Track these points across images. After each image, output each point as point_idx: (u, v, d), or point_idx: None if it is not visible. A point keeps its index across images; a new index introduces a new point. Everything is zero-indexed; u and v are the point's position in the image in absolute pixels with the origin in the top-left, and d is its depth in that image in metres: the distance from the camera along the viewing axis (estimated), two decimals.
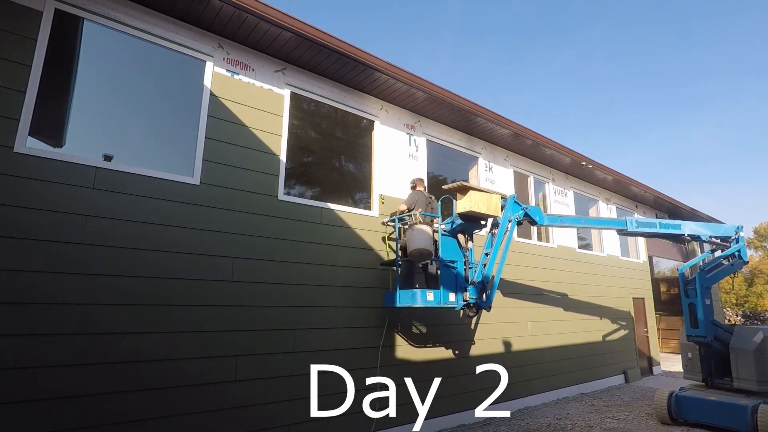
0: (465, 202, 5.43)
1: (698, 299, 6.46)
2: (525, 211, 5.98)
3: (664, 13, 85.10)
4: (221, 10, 4.52)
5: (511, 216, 5.86)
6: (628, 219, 6.65)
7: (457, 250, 5.75)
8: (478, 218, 5.73)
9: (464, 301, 5.49)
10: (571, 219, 6.78)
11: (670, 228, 6.82)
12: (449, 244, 5.66)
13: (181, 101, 4.76)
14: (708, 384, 6.61)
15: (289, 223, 5.08)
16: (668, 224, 6.85)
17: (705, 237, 6.91)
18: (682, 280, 6.73)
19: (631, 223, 6.59)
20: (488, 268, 5.59)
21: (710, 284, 6.63)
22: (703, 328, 6.32)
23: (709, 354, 6.60)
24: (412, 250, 5.18)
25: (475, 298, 5.44)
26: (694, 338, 6.47)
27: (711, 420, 6.04)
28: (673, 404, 6.38)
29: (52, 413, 3.44)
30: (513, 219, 5.89)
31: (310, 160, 5.94)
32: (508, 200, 5.90)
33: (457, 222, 5.70)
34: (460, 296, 5.49)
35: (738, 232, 7.02)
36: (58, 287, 3.61)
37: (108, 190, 3.97)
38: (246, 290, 4.62)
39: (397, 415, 5.54)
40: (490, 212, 5.57)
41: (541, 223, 6.18)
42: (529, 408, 7.38)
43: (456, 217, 5.71)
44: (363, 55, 5.42)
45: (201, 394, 4.16)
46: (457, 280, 5.53)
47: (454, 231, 5.77)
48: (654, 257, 14.52)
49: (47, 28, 3.90)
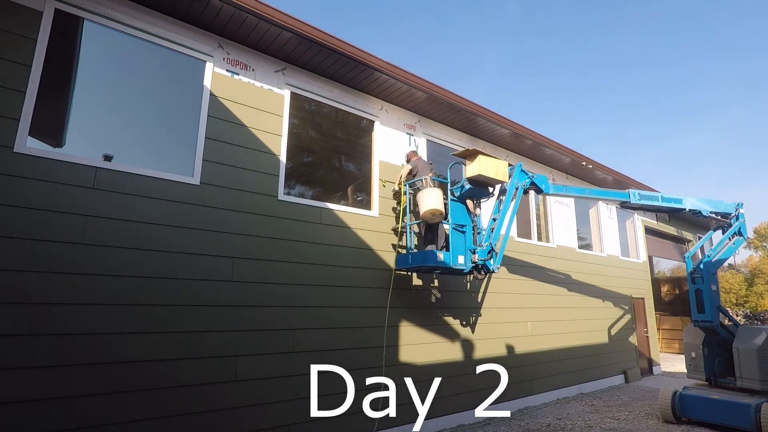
0: (474, 167, 5.56)
1: (705, 284, 6.58)
2: (531, 179, 6.12)
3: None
4: (221, 10, 4.52)
5: (518, 183, 5.99)
6: (631, 191, 6.72)
7: (466, 215, 5.88)
8: (486, 184, 5.85)
9: (473, 262, 5.60)
10: (576, 189, 6.85)
11: (672, 202, 6.89)
12: (458, 209, 5.81)
13: (181, 101, 4.76)
14: (711, 383, 6.65)
15: (289, 223, 5.08)
16: (670, 198, 6.92)
17: (706, 212, 6.98)
18: (689, 266, 6.85)
19: (633, 195, 6.68)
20: (496, 233, 5.74)
21: (716, 269, 6.73)
22: (709, 313, 6.42)
23: (713, 352, 6.66)
24: (424, 210, 5.37)
25: (483, 259, 5.55)
26: (700, 323, 6.55)
27: (714, 418, 6.08)
28: (677, 403, 6.43)
29: (52, 413, 3.45)
30: (520, 186, 6.01)
31: (310, 160, 5.94)
32: (515, 168, 6.02)
33: (466, 187, 5.77)
34: (468, 258, 5.60)
35: (738, 209, 7.15)
36: (58, 287, 3.61)
37: (108, 190, 3.97)
38: (246, 290, 4.62)
39: (397, 415, 5.55)
40: (498, 177, 5.67)
41: (546, 192, 6.29)
42: (529, 408, 7.38)
43: (465, 182, 5.78)
44: (363, 55, 5.42)
45: (201, 394, 4.15)
46: (466, 243, 5.67)
47: (462, 196, 5.88)
48: (654, 257, 14.53)
49: (47, 28, 3.90)
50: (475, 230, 5.91)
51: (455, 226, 5.63)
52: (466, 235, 5.71)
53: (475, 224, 5.95)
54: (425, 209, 5.37)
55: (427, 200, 5.38)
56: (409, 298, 6.09)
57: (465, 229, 5.73)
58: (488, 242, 5.63)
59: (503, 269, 7.64)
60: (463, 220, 5.80)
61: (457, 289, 6.78)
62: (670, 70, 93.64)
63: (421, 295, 6.28)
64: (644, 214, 12.48)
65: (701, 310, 6.56)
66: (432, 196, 5.39)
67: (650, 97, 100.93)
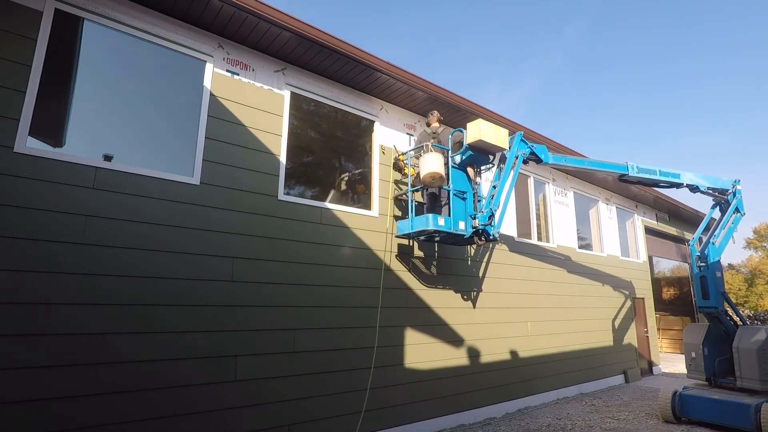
0: (474, 132, 5.61)
1: (709, 271, 6.68)
2: (531, 149, 6.25)
3: None
4: (221, 10, 4.52)
5: (518, 152, 6.09)
6: (629, 164, 6.77)
7: (467, 182, 5.95)
8: (486, 150, 5.88)
9: (473, 228, 5.70)
10: (574, 160, 6.84)
11: (669, 176, 6.99)
12: (459, 176, 5.88)
13: (181, 101, 4.76)
14: (711, 383, 6.67)
15: (289, 223, 5.08)
16: (668, 172, 7.01)
17: (703, 187, 7.10)
18: (693, 253, 6.98)
19: (632, 168, 6.77)
20: (496, 199, 5.82)
21: (719, 254, 6.84)
22: (713, 299, 6.51)
23: (712, 352, 6.71)
24: (424, 174, 5.46)
25: (483, 224, 5.64)
26: (704, 309, 6.65)
27: (714, 418, 6.09)
28: (677, 403, 6.44)
29: (52, 414, 3.45)
30: (519, 155, 6.12)
31: (310, 160, 5.94)
32: (515, 136, 6.13)
33: (467, 153, 5.80)
34: (469, 224, 5.72)
35: (735, 185, 7.26)
36: (58, 287, 3.61)
37: (108, 190, 3.97)
38: (246, 290, 4.62)
39: (396, 415, 5.56)
40: (498, 143, 5.70)
41: (546, 161, 6.39)
42: (529, 408, 7.38)
43: (465, 149, 5.80)
44: (363, 55, 5.42)
45: (201, 394, 4.16)
46: (467, 210, 5.80)
47: (463, 164, 5.93)
48: (654, 257, 14.53)
49: (47, 28, 3.90)
50: (475, 198, 5.98)
51: (456, 192, 5.73)
52: (466, 202, 5.82)
53: (476, 192, 6.03)
54: (425, 172, 5.46)
55: (428, 164, 5.47)
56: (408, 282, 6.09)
57: (466, 195, 5.83)
58: (488, 208, 5.71)
59: (502, 269, 7.65)
60: (464, 187, 5.87)
61: (457, 290, 6.78)
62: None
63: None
64: (644, 215, 12.48)
65: (706, 297, 6.62)
66: (432, 160, 5.47)
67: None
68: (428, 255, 6.54)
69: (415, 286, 6.22)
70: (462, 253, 7.02)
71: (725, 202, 7.29)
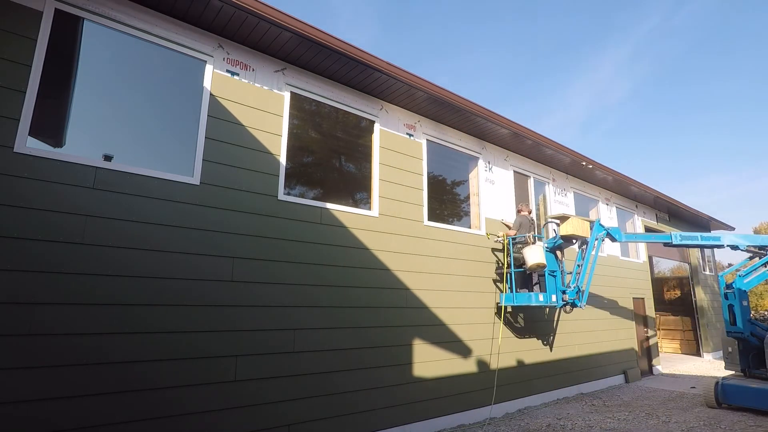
0: (567, 227, 7.15)
1: (736, 301, 7.55)
2: (607, 231, 7.57)
3: None
4: (221, 10, 4.52)
5: (597, 235, 7.44)
6: (673, 234, 7.77)
7: (555, 262, 7.24)
8: (572, 238, 7.33)
9: (563, 301, 6.99)
10: (635, 236, 8.19)
11: (711, 240, 7.78)
12: (550, 258, 7.18)
13: (181, 101, 4.76)
14: (746, 374, 7.57)
15: (289, 223, 5.08)
16: (709, 237, 7.80)
17: (743, 246, 7.76)
18: (722, 284, 7.96)
19: (675, 237, 7.75)
20: (581, 276, 7.16)
21: (748, 288, 7.65)
22: (740, 325, 7.44)
23: (746, 348, 7.60)
24: (532, 263, 6.72)
25: (572, 298, 6.96)
26: (733, 334, 7.57)
27: (753, 404, 6.97)
28: (719, 391, 7.37)
29: (52, 414, 3.45)
30: (599, 238, 7.47)
31: (310, 161, 5.94)
32: (594, 223, 7.43)
33: (558, 242, 7.27)
34: (560, 297, 7.01)
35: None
36: (58, 288, 3.61)
37: (108, 190, 3.97)
38: (246, 290, 4.62)
39: (396, 415, 5.56)
40: (584, 234, 7.21)
41: (619, 240, 7.67)
42: (529, 408, 7.38)
43: (557, 238, 7.27)
44: (363, 55, 5.42)
45: (201, 394, 4.16)
46: (557, 285, 7.07)
47: (553, 248, 7.31)
48: (654, 257, 14.53)
49: (47, 28, 3.90)
50: (562, 274, 7.29)
51: (549, 272, 7.03)
52: (556, 279, 7.10)
53: (562, 269, 7.34)
54: (533, 262, 6.70)
55: (534, 255, 6.74)
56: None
57: (555, 273, 7.12)
58: (575, 284, 7.07)
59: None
60: (554, 266, 7.16)
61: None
62: None
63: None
64: (644, 214, 12.49)
65: (733, 323, 7.55)
66: (537, 252, 6.77)
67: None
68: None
69: (413, 286, 6.22)
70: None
71: (764, 254, 7.87)
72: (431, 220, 6.72)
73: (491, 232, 7.61)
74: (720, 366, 11.94)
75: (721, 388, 7.38)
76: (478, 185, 7.76)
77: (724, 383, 7.39)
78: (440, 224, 6.83)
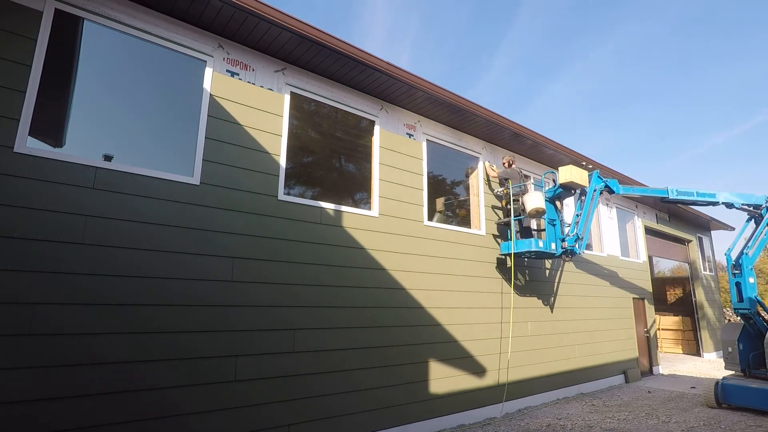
0: (566, 174, 7.21)
1: (743, 278, 7.55)
2: (605, 182, 7.75)
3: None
4: (221, 10, 4.52)
5: (596, 187, 7.62)
6: (670, 189, 7.91)
7: (555, 212, 7.48)
8: (572, 188, 7.47)
9: (563, 248, 7.26)
10: (632, 189, 8.19)
11: (706, 196, 7.98)
12: (549, 208, 7.43)
13: (181, 101, 4.76)
14: (746, 374, 7.54)
15: (289, 223, 5.08)
16: (705, 193, 8.00)
17: (738, 204, 7.94)
18: (729, 262, 7.82)
19: (672, 192, 7.90)
20: (580, 225, 7.38)
21: (752, 263, 7.64)
22: (747, 302, 7.44)
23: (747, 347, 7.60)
24: (530, 208, 6.90)
25: (571, 245, 7.18)
26: (739, 311, 7.54)
27: (753, 404, 6.99)
28: (719, 391, 7.37)
29: (53, 413, 3.45)
30: (597, 189, 7.64)
31: (310, 161, 5.94)
32: (593, 174, 7.64)
33: (558, 191, 7.42)
34: (559, 245, 7.26)
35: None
36: (58, 288, 3.61)
37: (108, 190, 3.97)
38: (246, 290, 4.62)
39: (396, 415, 5.56)
40: (583, 182, 7.37)
41: (617, 192, 7.84)
42: (529, 408, 7.38)
43: (557, 187, 7.42)
44: (363, 55, 5.42)
45: (201, 395, 4.16)
46: (556, 234, 7.30)
47: (552, 198, 7.52)
48: (654, 257, 14.52)
49: (47, 28, 3.90)
50: (561, 224, 7.54)
51: (549, 221, 7.28)
52: (555, 228, 7.34)
53: (561, 219, 7.57)
54: (532, 207, 6.86)
55: (533, 201, 6.91)
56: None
57: (555, 222, 7.38)
58: (574, 232, 7.30)
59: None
60: (553, 216, 7.43)
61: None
62: None
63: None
64: (644, 215, 12.49)
65: (740, 300, 7.53)
66: (537, 198, 6.95)
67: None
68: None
69: (412, 286, 6.22)
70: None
71: (759, 216, 7.99)
72: (431, 220, 6.73)
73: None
74: (720, 366, 11.94)
75: (721, 388, 7.38)
76: (478, 185, 7.77)
77: (724, 383, 7.38)
78: (440, 224, 6.83)
